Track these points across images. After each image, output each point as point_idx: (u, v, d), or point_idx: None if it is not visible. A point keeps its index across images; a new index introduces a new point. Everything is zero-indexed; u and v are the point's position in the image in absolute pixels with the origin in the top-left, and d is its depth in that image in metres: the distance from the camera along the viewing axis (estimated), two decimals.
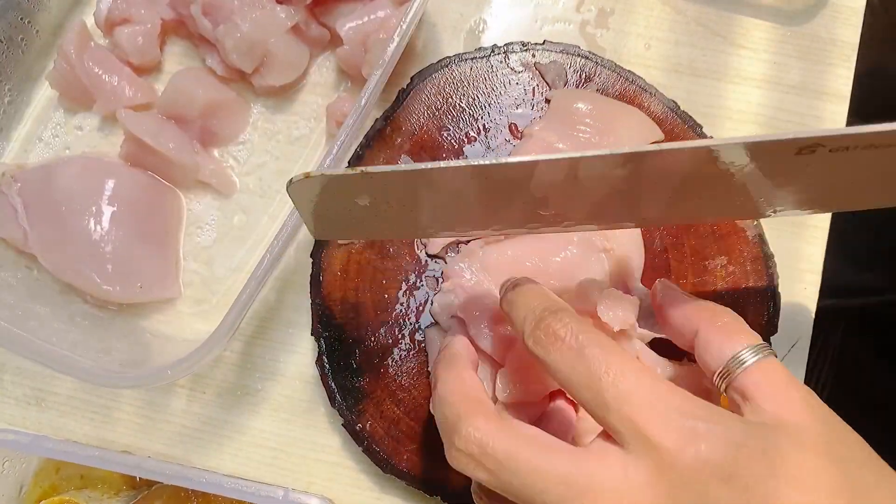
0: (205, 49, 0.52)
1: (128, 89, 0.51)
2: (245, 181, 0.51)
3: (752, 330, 0.34)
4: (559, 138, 0.45)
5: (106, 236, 0.47)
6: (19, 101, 0.53)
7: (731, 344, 0.33)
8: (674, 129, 0.47)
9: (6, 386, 0.50)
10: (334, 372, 0.45)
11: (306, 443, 0.48)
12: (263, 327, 0.49)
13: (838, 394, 0.58)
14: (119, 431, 0.49)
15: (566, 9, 0.53)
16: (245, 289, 0.39)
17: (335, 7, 0.51)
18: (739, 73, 0.51)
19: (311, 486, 0.47)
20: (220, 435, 0.48)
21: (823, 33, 0.51)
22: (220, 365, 0.49)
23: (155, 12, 0.51)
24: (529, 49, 0.49)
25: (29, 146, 0.53)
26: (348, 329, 0.46)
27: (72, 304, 0.48)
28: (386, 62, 0.42)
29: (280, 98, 0.52)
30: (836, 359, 0.58)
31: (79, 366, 0.39)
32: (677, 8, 0.52)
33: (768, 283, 0.45)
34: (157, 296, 0.49)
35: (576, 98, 0.47)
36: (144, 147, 0.49)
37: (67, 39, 0.50)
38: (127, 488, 0.49)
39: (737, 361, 0.32)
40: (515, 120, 0.48)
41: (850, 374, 0.59)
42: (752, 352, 0.32)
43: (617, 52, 0.52)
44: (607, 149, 0.30)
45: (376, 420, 0.44)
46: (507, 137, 0.48)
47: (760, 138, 0.29)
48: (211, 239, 0.51)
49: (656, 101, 0.48)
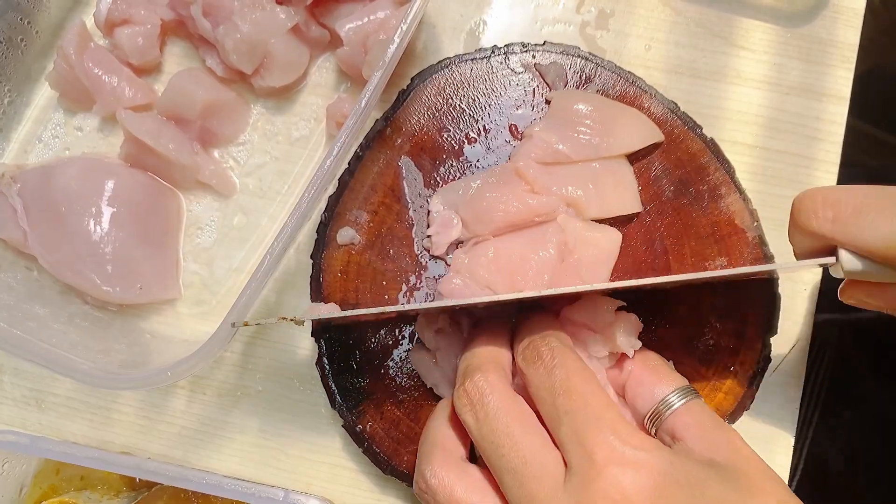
0: (205, 50, 0.52)
1: (128, 90, 0.51)
2: (245, 182, 0.51)
3: (678, 373, 0.37)
4: (559, 139, 0.45)
5: (106, 237, 0.47)
6: (19, 101, 0.53)
7: (661, 387, 0.36)
8: (674, 131, 0.47)
9: (6, 387, 0.50)
10: (334, 373, 0.45)
11: (306, 444, 0.48)
12: (263, 328, 0.49)
13: (834, 396, 0.58)
14: (119, 432, 0.49)
15: (566, 10, 0.53)
16: (245, 290, 0.39)
17: (335, 8, 0.51)
18: (740, 74, 0.51)
19: (311, 487, 0.47)
20: (220, 436, 0.48)
21: (823, 34, 0.51)
22: (220, 366, 0.49)
23: (155, 13, 0.51)
24: (529, 50, 0.49)
25: (28, 147, 0.53)
26: (348, 330, 0.46)
27: (71, 305, 0.48)
28: (386, 63, 0.42)
29: (280, 99, 0.52)
30: (833, 362, 0.58)
31: (78, 367, 0.39)
32: (677, 9, 0.52)
33: (768, 285, 0.45)
34: (156, 297, 0.49)
35: (576, 99, 0.47)
36: (144, 148, 0.49)
37: (67, 40, 0.50)
38: (127, 489, 0.49)
39: (665, 404, 0.35)
40: (515, 121, 0.48)
41: (846, 378, 0.59)
42: (679, 395, 0.35)
43: (617, 53, 0.52)
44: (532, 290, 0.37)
45: (376, 421, 0.44)
46: (508, 138, 0.48)
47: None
48: (211, 240, 0.51)
49: (656, 103, 0.48)
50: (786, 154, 0.49)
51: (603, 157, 0.46)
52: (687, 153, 0.47)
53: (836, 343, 0.59)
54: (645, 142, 0.46)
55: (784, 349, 0.47)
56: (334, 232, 0.47)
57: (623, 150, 0.46)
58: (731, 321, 0.45)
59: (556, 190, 0.45)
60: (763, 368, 0.44)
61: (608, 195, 0.45)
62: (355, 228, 0.47)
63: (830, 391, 0.58)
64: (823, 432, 0.56)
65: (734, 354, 0.44)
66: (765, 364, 0.44)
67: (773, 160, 0.49)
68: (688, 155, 0.47)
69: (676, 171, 0.47)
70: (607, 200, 0.45)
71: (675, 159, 0.47)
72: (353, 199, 0.47)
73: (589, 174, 0.45)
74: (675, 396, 0.35)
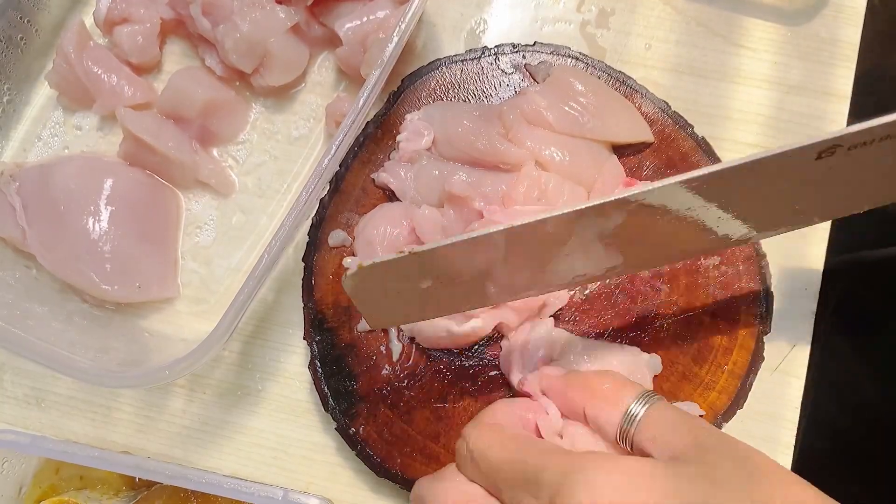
0: (204, 49, 0.52)
1: (127, 89, 0.51)
2: (244, 181, 0.51)
3: (632, 382, 0.36)
4: (548, 106, 0.46)
5: (104, 235, 0.47)
6: (18, 100, 0.53)
7: (618, 407, 0.34)
8: (665, 130, 0.47)
9: (6, 386, 0.50)
10: (327, 376, 0.45)
11: (306, 443, 0.48)
12: (262, 327, 0.49)
13: (835, 396, 0.58)
14: (119, 432, 0.49)
15: (567, 9, 0.52)
16: (243, 288, 0.39)
17: (335, 7, 0.51)
18: (740, 72, 0.51)
19: (311, 487, 0.47)
20: (219, 435, 0.48)
21: (824, 33, 0.51)
22: (219, 365, 0.49)
23: (154, 12, 0.51)
24: (520, 50, 0.49)
25: (28, 145, 0.53)
26: (341, 333, 0.45)
27: (70, 304, 0.48)
28: (384, 62, 0.42)
29: (279, 98, 0.52)
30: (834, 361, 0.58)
31: (76, 365, 0.39)
32: (678, 8, 0.52)
33: (761, 283, 0.45)
34: (155, 295, 0.49)
35: (578, 77, 0.47)
36: (143, 146, 0.49)
37: (67, 39, 0.50)
38: (126, 489, 0.49)
39: (628, 419, 0.34)
40: None
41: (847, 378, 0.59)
42: (639, 404, 0.34)
43: (617, 52, 0.51)
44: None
45: (369, 424, 0.44)
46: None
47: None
48: (210, 238, 0.51)
49: (648, 102, 0.48)
50: None
51: (587, 137, 0.46)
52: (678, 152, 0.47)
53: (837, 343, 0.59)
54: (632, 137, 0.46)
55: (784, 349, 0.47)
56: (326, 234, 0.46)
57: (608, 136, 0.46)
58: (724, 320, 0.44)
59: (531, 146, 0.45)
60: (757, 367, 0.44)
61: (583, 172, 0.45)
62: (347, 231, 0.46)
63: (832, 391, 0.58)
64: (824, 432, 0.56)
65: (728, 353, 0.44)
66: (759, 363, 0.44)
67: None
68: (679, 154, 0.47)
69: (668, 170, 0.47)
70: (583, 176, 0.45)
71: (665, 158, 0.47)
72: (344, 201, 0.47)
73: (569, 146, 0.46)
74: (636, 406, 0.34)
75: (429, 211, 0.45)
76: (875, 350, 0.58)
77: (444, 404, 0.44)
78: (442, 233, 0.45)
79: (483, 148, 0.45)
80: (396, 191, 0.46)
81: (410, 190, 0.46)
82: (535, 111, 0.46)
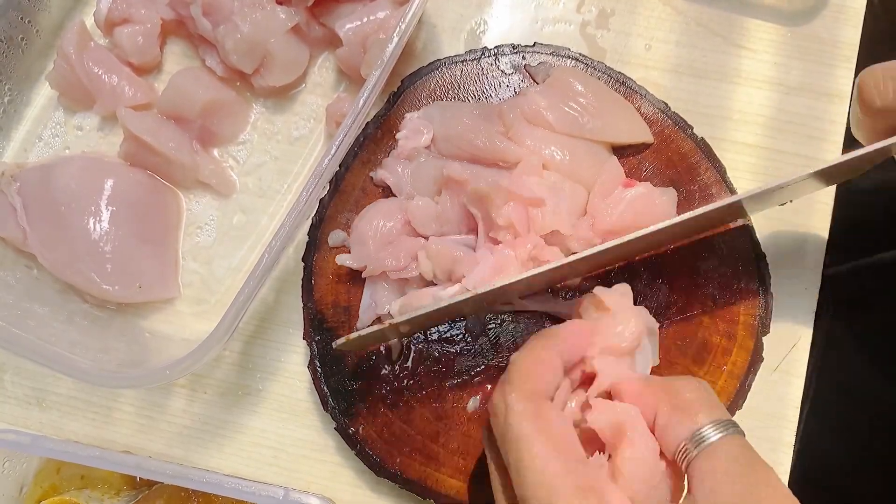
0: (205, 49, 0.52)
1: (128, 89, 0.51)
2: (244, 181, 0.51)
3: (719, 403, 0.32)
4: (549, 106, 0.46)
5: (105, 236, 0.47)
6: (19, 100, 0.53)
7: (692, 422, 0.31)
8: (664, 131, 0.47)
9: (7, 386, 0.50)
10: (326, 376, 0.45)
11: (306, 442, 0.48)
12: (263, 327, 0.49)
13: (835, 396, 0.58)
14: (120, 431, 0.49)
15: (567, 10, 0.52)
16: (244, 288, 0.39)
17: (335, 8, 0.51)
18: (740, 73, 0.51)
19: (312, 486, 0.47)
20: (220, 435, 0.48)
21: (824, 33, 0.51)
22: (219, 365, 0.49)
23: (155, 12, 0.51)
24: (519, 51, 0.49)
25: (29, 146, 0.53)
26: (340, 333, 0.45)
27: (71, 304, 0.48)
28: (384, 63, 0.42)
29: (280, 98, 0.52)
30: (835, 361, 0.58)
31: (77, 365, 0.39)
32: (678, 8, 0.52)
33: (760, 283, 0.45)
34: (156, 295, 0.49)
35: (578, 77, 0.47)
36: (144, 146, 0.49)
37: (67, 39, 0.50)
38: (127, 488, 0.49)
39: (696, 439, 0.30)
40: None
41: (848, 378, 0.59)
42: (715, 429, 0.31)
43: (617, 52, 0.52)
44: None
45: (369, 423, 0.44)
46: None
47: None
48: (210, 239, 0.51)
49: (647, 103, 0.48)
50: (787, 153, 0.49)
51: (586, 137, 0.46)
52: (678, 153, 0.47)
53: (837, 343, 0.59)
54: (632, 137, 0.46)
55: (784, 349, 0.47)
56: (326, 234, 0.47)
57: (608, 137, 0.46)
58: (723, 321, 0.45)
59: (531, 144, 0.45)
60: (756, 368, 0.44)
61: (583, 172, 0.45)
62: (346, 231, 0.47)
63: (832, 391, 0.58)
64: (824, 432, 0.56)
65: (727, 354, 0.44)
66: (758, 363, 0.44)
67: (774, 159, 0.49)
68: (678, 155, 0.47)
69: (667, 170, 0.47)
70: (583, 176, 0.45)
71: (665, 159, 0.47)
72: (344, 201, 0.47)
73: (569, 146, 0.46)
74: (710, 430, 0.31)
75: (422, 201, 0.45)
76: (875, 350, 0.58)
77: (443, 404, 0.44)
78: (436, 221, 0.45)
79: (483, 145, 0.45)
80: (392, 186, 0.47)
81: (406, 185, 0.46)
82: (535, 111, 0.46)
